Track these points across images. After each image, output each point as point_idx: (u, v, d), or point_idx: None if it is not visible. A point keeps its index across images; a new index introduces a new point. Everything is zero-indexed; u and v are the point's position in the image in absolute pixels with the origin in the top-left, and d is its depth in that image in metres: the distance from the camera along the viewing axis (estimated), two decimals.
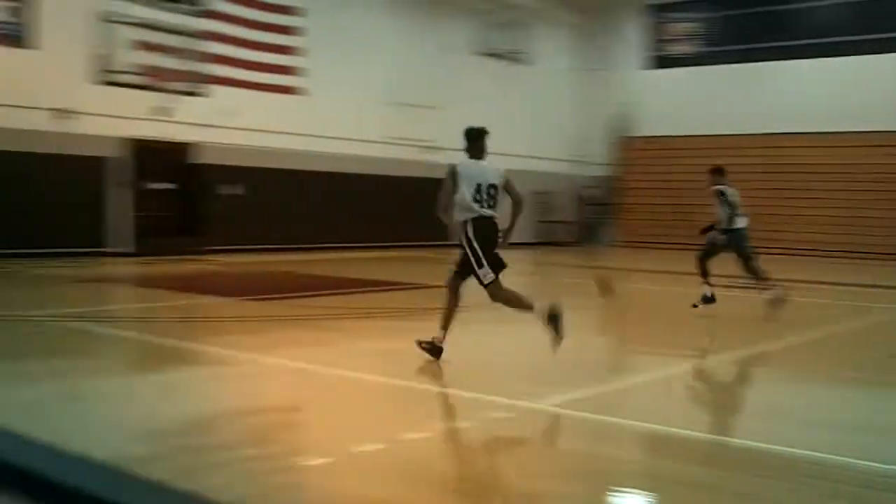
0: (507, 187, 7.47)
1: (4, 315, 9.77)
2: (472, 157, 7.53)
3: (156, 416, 5.72)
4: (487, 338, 9.57)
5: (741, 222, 11.27)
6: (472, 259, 7.23)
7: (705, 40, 28.99)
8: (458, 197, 7.23)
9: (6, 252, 16.39)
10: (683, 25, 29.50)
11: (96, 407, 6.08)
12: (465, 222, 7.24)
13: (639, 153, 29.98)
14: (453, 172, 7.32)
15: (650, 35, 30.23)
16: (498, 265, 7.27)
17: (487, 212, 7.19)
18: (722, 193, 11.23)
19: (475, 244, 7.19)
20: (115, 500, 3.47)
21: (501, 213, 7.39)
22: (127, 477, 3.65)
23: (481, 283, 7.25)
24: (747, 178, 27.23)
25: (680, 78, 29.31)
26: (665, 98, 29.24)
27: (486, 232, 7.22)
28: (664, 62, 29.87)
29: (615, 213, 30.30)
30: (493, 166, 7.49)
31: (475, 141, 7.58)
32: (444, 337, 7.31)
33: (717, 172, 11.67)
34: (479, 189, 7.21)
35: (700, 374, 8.10)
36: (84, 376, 7.09)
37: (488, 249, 7.20)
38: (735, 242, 11.21)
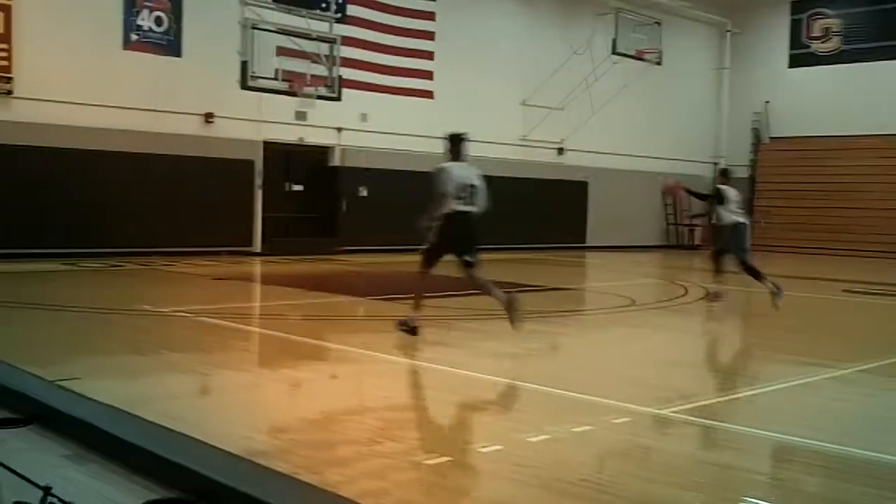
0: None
1: (139, 310, 10.32)
2: (453, 159, 8.55)
3: (282, 411, 5.97)
4: (609, 342, 9.53)
5: (730, 218, 11.88)
6: (428, 242, 8.53)
7: (847, 37, 27.84)
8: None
9: (155, 251, 17.35)
10: (824, 22, 28.41)
11: (225, 400, 6.38)
12: (443, 216, 8.36)
13: (776, 154, 29.07)
14: (442, 172, 8.37)
15: (790, 33, 29.24)
16: (465, 251, 8.41)
17: (466, 207, 8.33)
18: (717, 191, 12.11)
19: (440, 238, 8.41)
20: (243, 491, 3.68)
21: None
22: (253, 469, 3.87)
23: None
24: (888, 181, 26.09)
25: (820, 77, 28.25)
26: (805, 97, 28.24)
27: (458, 225, 8.36)
28: (804, 60, 28.84)
29: (750, 216, 29.44)
30: (473, 168, 8.60)
31: (456, 145, 8.63)
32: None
33: (723, 174, 13.32)
34: (461, 188, 8.41)
35: (827, 384, 7.83)
36: (213, 370, 7.43)
37: (450, 241, 8.42)
38: (727, 237, 11.96)
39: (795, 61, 28.98)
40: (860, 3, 27.51)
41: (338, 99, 18.16)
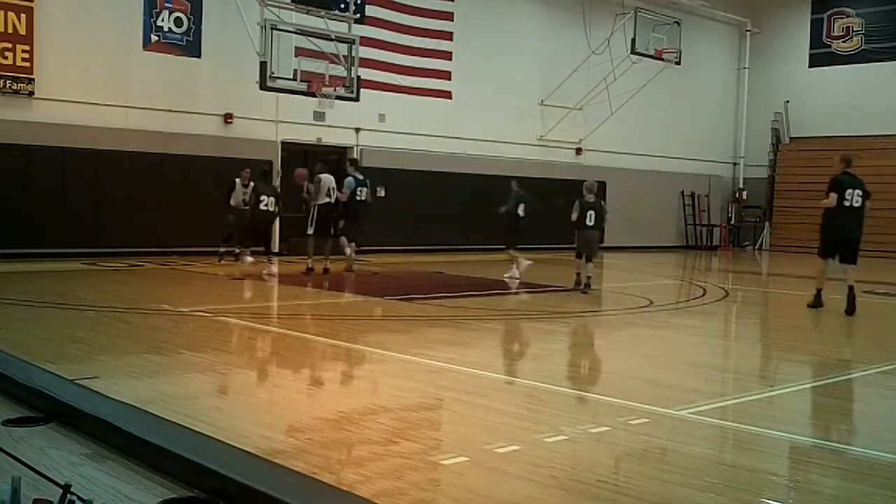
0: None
1: (158, 310, 10.37)
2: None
3: (300, 411, 5.99)
4: (627, 343, 9.50)
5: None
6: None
7: (868, 36, 27.61)
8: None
9: (174, 250, 17.46)
10: (845, 21, 28.19)
11: (242, 400, 6.40)
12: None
13: (796, 154, 28.88)
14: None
15: (810, 32, 29.03)
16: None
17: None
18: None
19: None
20: (261, 490, 3.70)
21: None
22: (271, 468, 3.89)
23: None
24: None
25: (841, 76, 28.04)
26: (825, 97, 28.04)
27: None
28: (825, 60, 28.62)
29: (769, 217, 29.29)
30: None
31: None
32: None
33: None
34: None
35: (847, 385, 7.79)
36: (231, 370, 7.45)
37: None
38: None
39: (816, 61, 28.77)
40: (882, 1, 27.28)
41: (356, 99, 18.18)
